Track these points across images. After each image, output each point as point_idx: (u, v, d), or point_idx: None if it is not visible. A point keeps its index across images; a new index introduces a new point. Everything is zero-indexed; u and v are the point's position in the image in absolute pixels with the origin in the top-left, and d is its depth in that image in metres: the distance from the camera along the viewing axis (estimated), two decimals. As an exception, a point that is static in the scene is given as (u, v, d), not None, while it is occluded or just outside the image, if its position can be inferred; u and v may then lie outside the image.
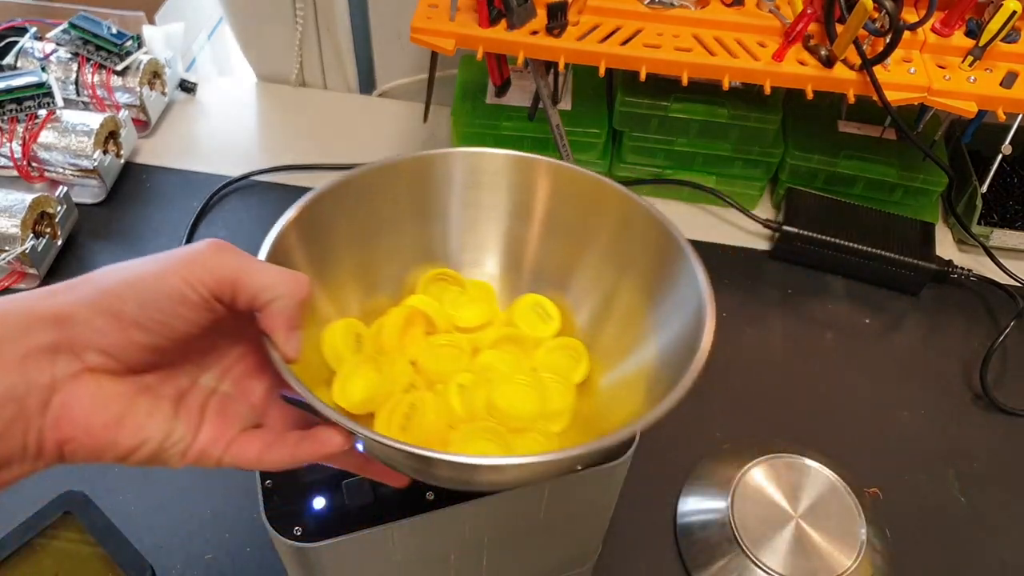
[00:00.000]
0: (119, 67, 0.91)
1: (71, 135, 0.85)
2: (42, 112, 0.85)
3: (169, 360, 0.33)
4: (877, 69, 0.75)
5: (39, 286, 0.42)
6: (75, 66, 0.91)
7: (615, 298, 0.48)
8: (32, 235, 0.79)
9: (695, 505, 0.68)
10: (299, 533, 0.43)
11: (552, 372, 0.46)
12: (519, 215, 0.49)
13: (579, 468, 0.43)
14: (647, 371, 0.44)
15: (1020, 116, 0.78)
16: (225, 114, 1.01)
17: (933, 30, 0.78)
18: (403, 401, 0.41)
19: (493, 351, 0.46)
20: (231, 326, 0.34)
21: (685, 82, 0.77)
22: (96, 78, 0.91)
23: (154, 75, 0.95)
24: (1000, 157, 0.81)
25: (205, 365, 0.35)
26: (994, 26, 0.74)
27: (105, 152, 0.87)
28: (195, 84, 1.01)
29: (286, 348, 0.33)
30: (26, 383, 0.28)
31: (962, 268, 0.85)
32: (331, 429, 0.34)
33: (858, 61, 0.75)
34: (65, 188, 0.84)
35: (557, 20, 0.76)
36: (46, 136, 0.85)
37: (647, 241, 0.45)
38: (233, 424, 0.35)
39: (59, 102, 0.85)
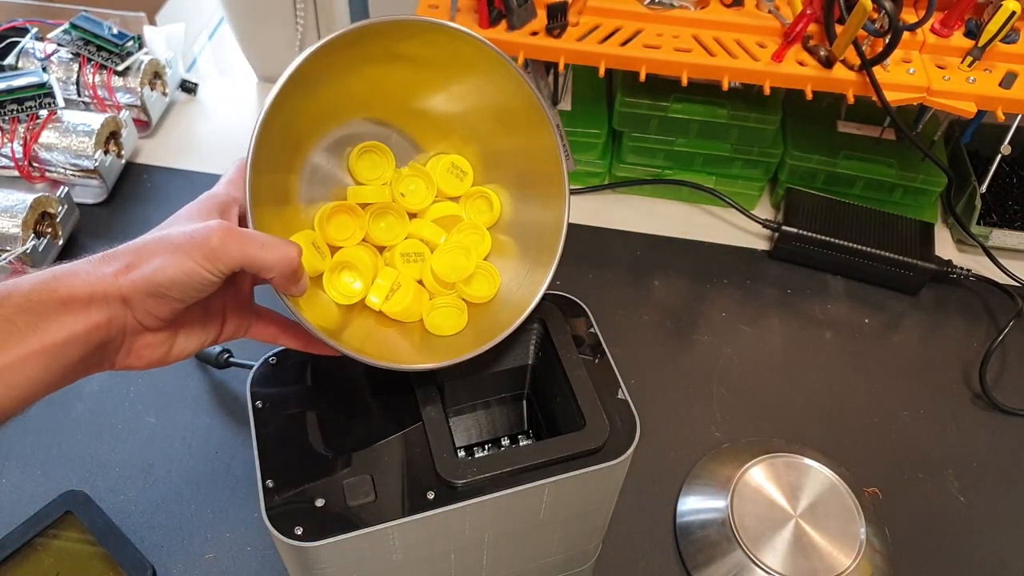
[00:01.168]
0: (120, 67, 0.91)
1: (72, 135, 0.85)
2: (43, 112, 0.85)
3: (194, 305, 0.46)
4: (876, 69, 0.75)
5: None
6: (76, 66, 0.91)
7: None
8: (33, 235, 0.79)
9: (695, 504, 0.68)
10: (300, 533, 0.43)
11: (474, 217, 0.54)
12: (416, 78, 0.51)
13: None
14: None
15: (1019, 116, 0.78)
16: (226, 114, 1.02)
17: (932, 31, 0.78)
18: (387, 279, 0.51)
19: (434, 225, 0.53)
20: None
21: (685, 82, 0.77)
22: (97, 78, 0.91)
23: (155, 75, 0.96)
24: (999, 157, 0.81)
25: (215, 292, 0.48)
26: (993, 26, 0.74)
27: (106, 152, 0.88)
28: (196, 84, 1.01)
29: (294, 292, 0.45)
30: (110, 336, 0.43)
31: (961, 268, 0.85)
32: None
33: (857, 61, 0.75)
34: (66, 188, 0.84)
35: (557, 21, 0.77)
36: (47, 136, 0.85)
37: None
38: (245, 315, 0.50)
39: (60, 102, 0.85)
